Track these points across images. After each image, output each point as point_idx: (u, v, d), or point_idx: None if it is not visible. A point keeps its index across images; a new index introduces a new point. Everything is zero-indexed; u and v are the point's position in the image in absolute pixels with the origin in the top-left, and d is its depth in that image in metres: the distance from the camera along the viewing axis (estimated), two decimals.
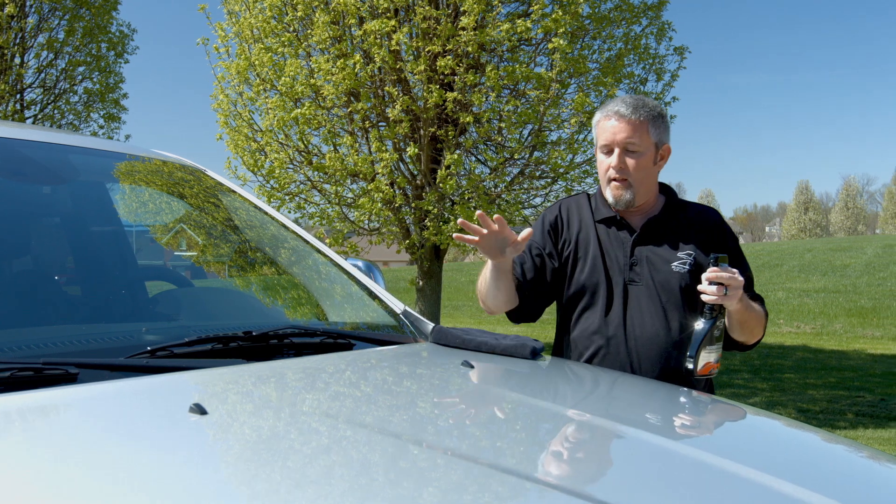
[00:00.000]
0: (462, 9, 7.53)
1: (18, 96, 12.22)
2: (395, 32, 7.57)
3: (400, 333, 2.22)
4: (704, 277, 2.27)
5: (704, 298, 2.27)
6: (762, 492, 1.24)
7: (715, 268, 2.24)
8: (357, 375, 1.83)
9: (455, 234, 2.30)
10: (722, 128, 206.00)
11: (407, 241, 8.70)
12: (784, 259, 29.21)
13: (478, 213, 2.27)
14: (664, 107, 6.23)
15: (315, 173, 8.50)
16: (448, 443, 1.35)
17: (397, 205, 8.26)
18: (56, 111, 12.61)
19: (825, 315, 18.21)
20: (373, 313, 2.36)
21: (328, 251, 2.52)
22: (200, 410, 1.29)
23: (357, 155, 7.97)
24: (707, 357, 2.29)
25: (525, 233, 2.28)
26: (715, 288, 2.24)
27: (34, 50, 12.23)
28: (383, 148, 7.94)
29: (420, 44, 7.70)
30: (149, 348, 1.62)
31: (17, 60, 12.08)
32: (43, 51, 12.18)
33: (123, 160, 2.51)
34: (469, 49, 7.49)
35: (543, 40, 8.08)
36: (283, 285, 2.62)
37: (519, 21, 7.57)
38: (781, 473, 1.32)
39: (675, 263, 2.41)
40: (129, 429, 1.28)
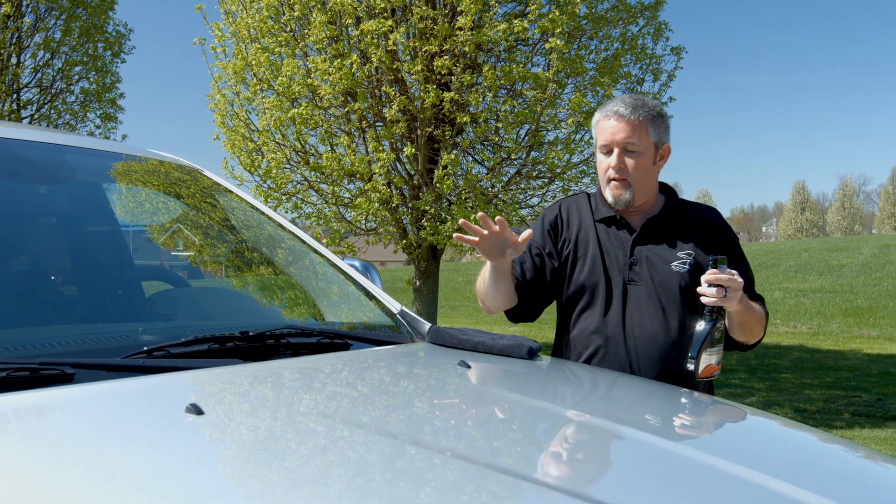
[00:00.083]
0: (459, 9, 7.53)
1: (15, 96, 12.21)
2: (392, 32, 7.57)
3: (397, 333, 2.22)
4: (703, 279, 2.26)
5: (704, 300, 2.26)
6: (759, 492, 1.24)
7: (714, 270, 2.23)
8: (354, 375, 1.83)
9: (455, 235, 2.29)
10: (720, 128, 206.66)
11: (404, 241, 8.70)
12: (781, 259, 29.27)
13: (479, 215, 2.26)
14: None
15: (312, 173, 8.49)
16: (445, 443, 1.35)
17: (394, 205, 8.26)
18: (52, 111, 12.60)
19: (822, 315, 18.25)
20: (370, 313, 2.36)
21: (325, 251, 2.51)
22: (197, 410, 1.29)
23: (354, 155, 7.97)
24: (708, 359, 2.28)
25: (525, 234, 2.27)
26: (714, 290, 2.23)
27: (30, 49, 12.23)
28: (380, 148, 7.94)
29: (417, 44, 7.69)
30: (145, 348, 1.61)
31: (14, 60, 12.07)
32: (39, 50, 12.18)
33: (120, 160, 2.50)
34: (466, 49, 7.48)
35: (540, 40, 8.08)
36: (280, 285, 2.62)
37: (516, 21, 7.56)
38: (778, 473, 1.32)
39: (675, 263, 2.40)
40: (126, 429, 1.27)
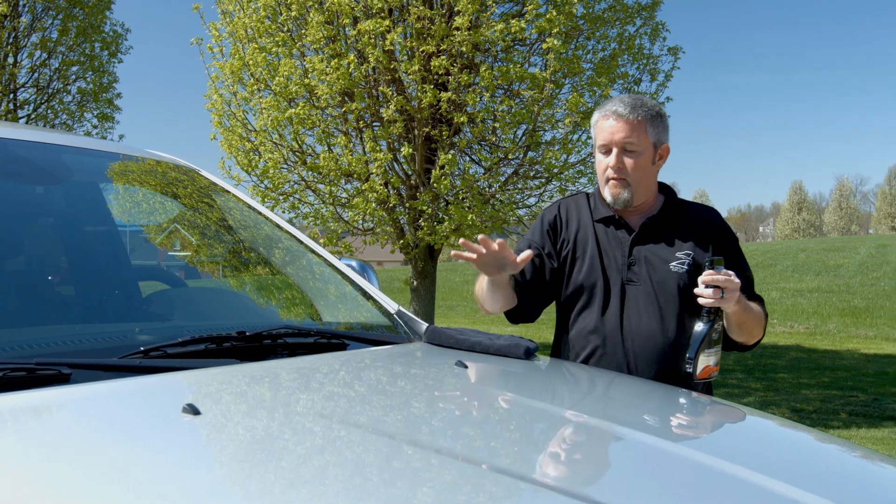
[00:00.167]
0: (456, 9, 7.53)
1: (11, 96, 12.20)
2: (390, 32, 7.57)
3: (394, 333, 2.22)
4: (700, 280, 2.26)
5: (701, 301, 2.26)
6: (756, 492, 1.24)
7: (711, 271, 2.23)
8: (351, 375, 1.83)
9: (454, 252, 2.30)
10: (718, 128, 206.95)
11: (401, 241, 8.70)
12: (778, 259, 29.31)
13: (480, 237, 2.26)
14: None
15: (309, 173, 8.49)
16: (442, 443, 1.35)
17: (391, 205, 8.26)
18: (49, 111, 12.59)
19: (819, 315, 18.27)
20: (367, 313, 2.36)
21: (322, 251, 2.51)
22: (194, 411, 1.29)
23: (351, 155, 7.96)
24: (706, 360, 2.28)
25: (524, 255, 2.28)
26: (711, 291, 2.23)
27: (27, 49, 12.21)
28: (377, 148, 7.93)
29: (414, 44, 7.69)
30: (142, 348, 1.61)
31: (11, 60, 12.05)
32: (36, 50, 12.17)
33: (117, 160, 2.50)
34: (463, 49, 7.48)
35: (538, 40, 8.08)
36: (277, 285, 2.62)
37: (513, 21, 7.56)
38: (775, 473, 1.33)
39: (674, 263, 2.39)
40: (123, 429, 1.27)
